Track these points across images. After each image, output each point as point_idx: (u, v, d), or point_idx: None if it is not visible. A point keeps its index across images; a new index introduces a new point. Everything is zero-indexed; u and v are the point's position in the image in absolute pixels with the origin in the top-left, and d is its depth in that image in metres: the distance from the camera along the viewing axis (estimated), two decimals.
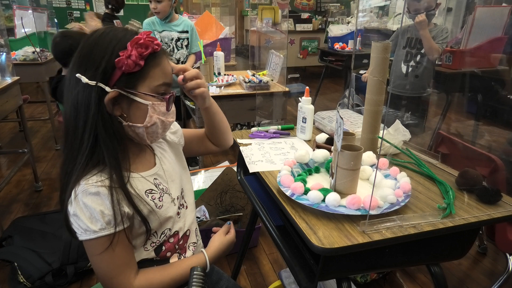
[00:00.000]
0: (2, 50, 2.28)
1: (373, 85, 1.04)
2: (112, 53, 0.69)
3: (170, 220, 0.82)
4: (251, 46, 3.92)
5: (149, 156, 0.85)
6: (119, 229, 0.71)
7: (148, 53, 0.71)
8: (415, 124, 2.45)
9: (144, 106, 0.74)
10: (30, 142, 2.59)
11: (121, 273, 0.74)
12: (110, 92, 0.70)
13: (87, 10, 6.34)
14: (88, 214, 0.69)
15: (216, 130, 1.01)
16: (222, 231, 0.95)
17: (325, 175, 0.97)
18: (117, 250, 0.72)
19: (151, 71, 0.73)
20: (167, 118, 0.79)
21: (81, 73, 0.70)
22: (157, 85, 0.74)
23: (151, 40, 0.71)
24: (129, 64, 0.69)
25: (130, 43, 0.69)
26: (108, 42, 0.71)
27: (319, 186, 0.84)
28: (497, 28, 2.68)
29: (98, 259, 0.73)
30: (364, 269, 0.94)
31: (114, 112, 0.73)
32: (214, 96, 2.07)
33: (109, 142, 0.71)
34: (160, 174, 0.84)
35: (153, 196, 0.79)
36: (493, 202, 0.85)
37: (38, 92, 5.29)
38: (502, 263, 1.67)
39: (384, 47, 1.00)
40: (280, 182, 0.87)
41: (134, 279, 0.75)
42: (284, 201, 0.84)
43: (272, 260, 1.90)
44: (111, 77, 0.70)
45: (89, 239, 0.70)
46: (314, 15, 6.99)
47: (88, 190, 0.69)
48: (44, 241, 1.84)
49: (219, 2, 5.62)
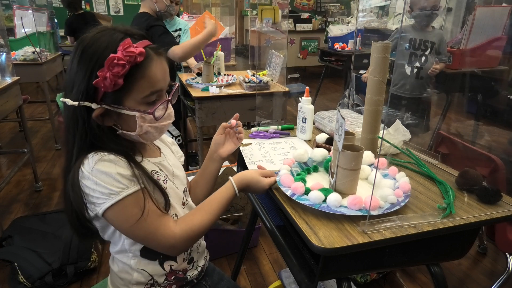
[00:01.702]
0: (2, 50, 2.28)
1: (373, 85, 1.04)
2: (91, 74, 0.69)
3: (175, 205, 0.84)
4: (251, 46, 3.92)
5: (155, 149, 0.89)
6: (142, 186, 0.72)
7: (126, 70, 0.68)
8: (415, 124, 2.45)
9: (132, 117, 0.73)
10: (30, 142, 2.59)
11: (160, 224, 0.74)
12: (96, 109, 0.71)
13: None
14: (107, 180, 0.69)
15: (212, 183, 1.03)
16: (260, 172, 0.90)
17: (324, 175, 0.97)
18: (148, 205, 0.72)
19: (135, 84, 0.71)
20: (161, 122, 0.78)
21: (67, 94, 0.71)
22: (144, 96, 0.73)
23: (130, 54, 0.67)
24: (106, 85, 0.68)
25: (106, 63, 0.67)
26: (88, 60, 0.69)
27: (319, 185, 0.84)
28: (497, 28, 2.68)
29: (132, 221, 0.71)
30: (364, 269, 0.94)
31: (105, 123, 0.74)
32: (214, 96, 2.07)
33: (106, 146, 0.73)
34: (165, 165, 0.86)
35: (158, 177, 0.80)
36: (493, 202, 0.85)
37: (38, 92, 5.30)
38: (502, 263, 1.67)
39: (384, 47, 1.00)
40: (280, 182, 0.87)
41: (175, 227, 0.76)
42: (284, 201, 0.84)
43: (272, 260, 1.90)
44: (96, 94, 0.70)
45: (116, 201, 0.69)
46: (314, 15, 7.00)
47: (101, 157, 0.70)
48: (44, 241, 1.84)
49: (219, 2, 5.61)
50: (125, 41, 0.69)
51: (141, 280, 0.83)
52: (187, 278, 0.90)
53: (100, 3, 6.73)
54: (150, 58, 0.72)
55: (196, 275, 0.93)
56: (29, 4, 3.57)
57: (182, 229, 0.76)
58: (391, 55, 1.04)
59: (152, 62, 0.73)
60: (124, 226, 0.74)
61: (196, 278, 0.93)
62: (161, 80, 0.75)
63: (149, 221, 0.72)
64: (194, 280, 0.93)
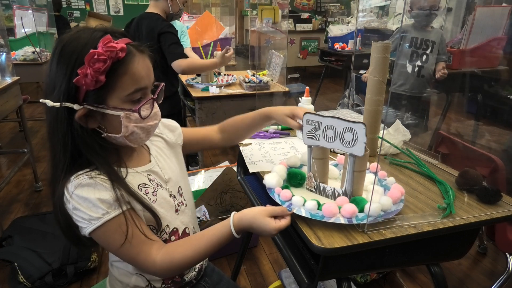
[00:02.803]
0: (2, 50, 2.28)
1: (373, 85, 1.04)
2: (72, 72, 0.66)
3: (166, 216, 0.81)
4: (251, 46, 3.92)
5: (143, 154, 0.85)
6: (124, 208, 0.70)
7: (107, 66, 0.65)
8: (415, 124, 2.45)
9: (116, 117, 0.70)
10: (30, 142, 2.59)
11: (142, 251, 0.72)
12: (78, 110, 0.68)
13: (87, 10, 6.34)
14: (86, 205, 0.68)
15: (246, 135, 1.03)
16: (267, 211, 0.74)
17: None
18: (131, 230, 0.70)
19: (118, 81, 0.68)
20: (148, 122, 0.74)
21: (47, 96, 0.68)
22: (128, 94, 0.70)
23: (111, 49, 0.65)
24: (87, 83, 0.64)
25: (86, 59, 0.64)
26: (69, 55, 0.67)
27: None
28: (497, 28, 2.68)
29: (114, 245, 0.70)
30: (364, 269, 0.94)
31: (89, 125, 0.70)
32: (214, 96, 2.07)
33: (92, 151, 0.71)
34: (155, 171, 0.83)
35: (146, 190, 0.78)
36: (493, 202, 0.85)
37: (38, 92, 5.29)
38: (502, 263, 1.67)
39: (384, 47, 1.00)
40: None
41: (157, 255, 0.73)
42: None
43: (272, 260, 1.90)
44: (78, 95, 0.67)
45: (97, 227, 0.68)
46: (314, 15, 7.00)
47: (81, 182, 0.68)
48: (44, 241, 1.84)
49: (219, 2, 5.61)
50: (105, 37, 0.66)
51: (140, 285, 0.83)
52: (184, 281, 0.90)
53: (100, 3, 6.73)
54: (132, 54, 0.70)
55: (194, 276, 0.93)
56: (29, 4, 3.57)
57: (162, 260, 0.73)
58: (393, 54, 1.04)
59: (134, 58, 0.70)
60: (109, 249, 0.73)
61: (194, 278, 0.93)
62: (145, 77, 0.72)
63: (132, 246, 0.70)
64: (192, 281, 0.93)
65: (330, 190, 0.83)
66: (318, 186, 0.86)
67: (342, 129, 0.77)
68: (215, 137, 1.03)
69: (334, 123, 0.78)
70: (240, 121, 1.02)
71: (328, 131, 0.80)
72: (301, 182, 0.91)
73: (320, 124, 0.81)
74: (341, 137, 0.78)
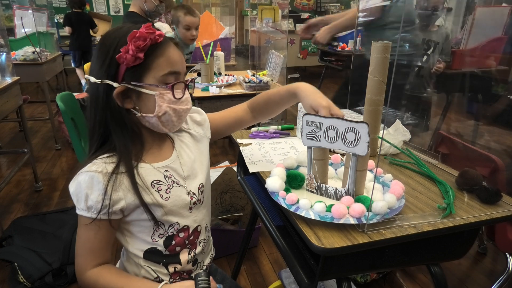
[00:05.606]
0: (2, 50, 2.28)
1: (373, 85, 1.04)
2: (115, 50, 0.72)
3: (178, 214, 0.82)
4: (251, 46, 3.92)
5: (166, 148, 0.86)
6: (101, 217, 0.74)
7: (147, 45, 0.71)
8: (415, 124, 2.45)
9: (151, 96, 0.75)
10: (30, 142, 2.60)
11: (84, 255, 0.77)
12: (117, 87, 0.74)
13: (87, 10, 6.33)
14: (77, 191, 0.74)
15: (278, 110, 1.02)
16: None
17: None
18: (92, 235, 0.76)
19: (155, 61, 0.74)
20: (180, 106, 0.79)
21: (91, 72, 0.76)
22: (163, 74, 0.75)
23: (150, 32, 0.72)
24: (128, 58, 0.71)
25: (129, 38, 0.71)
26: (112, 39, 0.74)
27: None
28: (497, 28, 2.68)
29: (78, 232, 0.78)
30: (364, 269, 0.94)
31: (125, 105, 0.76)
32: (214, 96, 2.07)
33: (119, 132, 0.76)
34: (174, 167, 0.84)
35: (159, 188, 0.80)
36: (493, 202, 0.85)
37: (38, 92, 5.30)
38: (502, 263, 1.67)
39: (384, 47, 1.00)
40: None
41: (91, 267, 0.77)
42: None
43: (272, 260, 1.90)
44: (117, 73, 0.74)
45: (77, 211, 0.75)
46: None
47: (86, 172, 0.73)
48: (44, 241, 1.84)
49: (219, 2, 5.62)
50: (146, 24, 0.73)
51: (148, 276, 0.85)
52: (192, 278, 0.90)
53: (100, 3, 6.74)
54: (168, 42, 0.77)
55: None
56: (29, 4, 3.57)
57: (90, 276, 0.77)
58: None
59: (170, 45, 0.77)
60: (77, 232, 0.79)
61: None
62: (179, 62, 0.78)
63: (81, 246, 0.77)
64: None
65: (332, 190, 0.83)
66: (319, 187, 0.86)
67: (344, 129, 0.77)
68: (247, 117, 1.03)
69: (335, 123, 0.78)
70: (268, 98, 1.00)
71: (329, 131, 0.80)
72: (301, 184, 0.91)
73: (321, 125, 0.81)
74: (343, 137, 0.78)
